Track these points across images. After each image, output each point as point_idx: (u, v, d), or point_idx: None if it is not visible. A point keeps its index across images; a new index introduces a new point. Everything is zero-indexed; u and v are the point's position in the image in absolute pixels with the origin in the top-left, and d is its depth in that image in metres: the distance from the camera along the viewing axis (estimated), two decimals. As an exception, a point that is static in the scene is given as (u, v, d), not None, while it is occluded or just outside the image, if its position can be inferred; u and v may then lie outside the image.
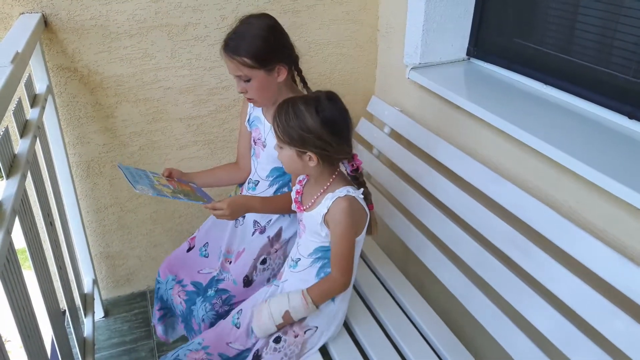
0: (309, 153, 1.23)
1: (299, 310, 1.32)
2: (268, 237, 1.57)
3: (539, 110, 1.47)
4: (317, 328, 1.36)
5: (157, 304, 1.66)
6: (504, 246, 1.32)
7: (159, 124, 1.95)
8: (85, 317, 1.84)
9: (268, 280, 1.57)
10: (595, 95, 1.39)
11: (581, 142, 1.27)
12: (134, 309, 2.17)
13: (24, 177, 1.14)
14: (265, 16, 1.43)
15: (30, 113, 1.40)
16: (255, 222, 1.59)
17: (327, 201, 1.27)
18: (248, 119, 1.61)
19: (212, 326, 1.47)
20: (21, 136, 1.27)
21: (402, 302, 1.55)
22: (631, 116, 1.29)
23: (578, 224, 1.17)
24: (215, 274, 1.57)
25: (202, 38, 1.86)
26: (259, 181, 1.59)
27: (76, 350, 1.61)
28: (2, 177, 1.09)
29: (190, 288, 1.56)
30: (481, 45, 1.80)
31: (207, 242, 1.66)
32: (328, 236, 1.31)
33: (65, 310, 1.58)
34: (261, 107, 1.54)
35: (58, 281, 1.51)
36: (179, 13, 1.80)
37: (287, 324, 1.35)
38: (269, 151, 1.53)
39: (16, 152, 1.18)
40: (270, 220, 1.58)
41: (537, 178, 1.39)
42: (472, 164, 1.48)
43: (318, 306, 1.34)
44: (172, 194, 1.43)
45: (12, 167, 1.12)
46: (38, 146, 1.42)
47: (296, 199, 1.39)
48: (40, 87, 1.61)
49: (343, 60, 2.11)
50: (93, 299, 1.97)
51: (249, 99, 1.47)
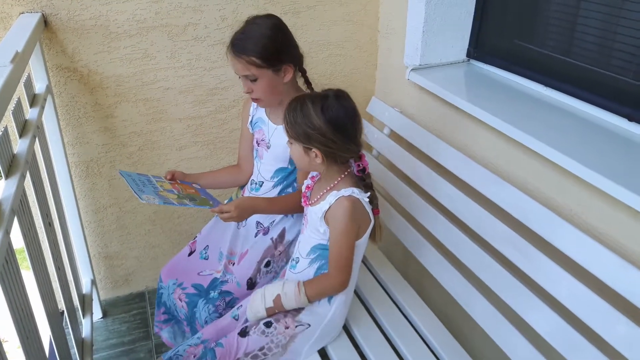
0: (314, 150, 1.26)
1: (290, 298, 1.33)
2: (272, 239, 1.57)
3: (539, 112, 1.46)
4: (309, 326, 1.36)
5: (161, 309, 1.65)
6: (504, 248, 1.32)
7: (159, 124, 1.95)
8: (83, 318, 1.84)
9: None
10: (595, 97, 1.39)
11: (581, 144, 1.27)
12: (133, 310, 2.17)
13: (23, 177, 1.13)
14: (271, 16, 1.44)
15: (29, 113, 1.40)
16: (258, 223, 1.59)
17: (331, 198, 1.29)
18: (250, 121, 1.61)
19: None
20: (20, 136, 1.27)
21: (401, 304, 1.55)
22: (631, 118, 1.29)
23: (578, 227, 1.17)
24: (217, 276, 1.57)
25: (202, 38, 1.86)
26: (263, 182, 1.59)
27: (74, 350, 1.60)
28: (1, 177, 1.09)
29: (190, 290, 1.56)
30: (481, 46, 1.80)
31: (208, 245, 1.65)
32: (326, 233, 1.32)
33: (63, 310, 1.57)
34: (265, 108, 1.54)
35: (56, 281, 1.50)
36: (179, 13, 1.80)
37: (277, 311, 1.35)
38: (274, 152, 1.53)
39: (15, 152, 1.18)
40: (273, 221, 1.58)
41: (537, 180, 1.39)
42: (472, 166, 1.48)
43: (311, 301, 1.34)
44: (178, 201, 1.42)
45: (11, 167, 1.12)
46: (37, 146, 1.42)
47: (305, 193, 1.40)
48: (39, 87, 1.61)
49: (343, 61, 2.11)
50: (91, 300, 1.96)
51: (255, 99, 1.47)
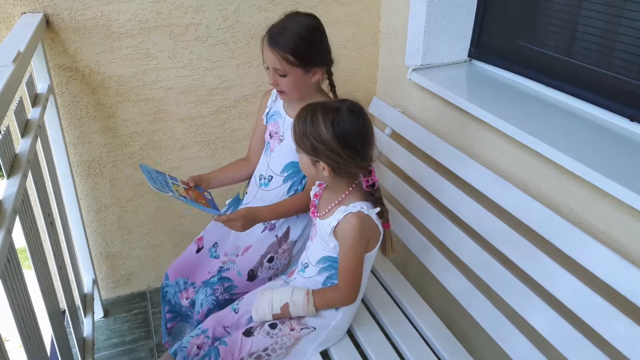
0: (322, 163, 1.23)
1: (299, 306, 1.32)
2: (276, 236, 1.57)
3: (541, 112, 1.46)
4: (315, 329, 1.36)
5: (166, 307, 1.65)
6: (505, 248, 1.32)
7: (160, 124, 1.95)
8: (85, 317, 1.84)
9: (270, 279, 1.56)
10: (596, 97, 1.39)
11: (583, 145, 1.27)
12: (134, 309, 2.17)
13: (25, 177, 1.14)
14: (312, 16, 1.45)
15: (31, 113, 1.40)
16: None
17: (339, 214, 1.26)
18: (267, 112, 1.61)
19: (210, 312, 1.48)
20: (22, 136, 1.27)
21: (403, 304, 1.55)
22: (633, 119, 1.29)
23: (580, 227, 1.17)
24: (222, 265, 1.58)
25: (204, 38, 1.86)
26: (273, 176, 1.57)
27: (76, 350, 1.60)
28: (3, 176, 1.09)
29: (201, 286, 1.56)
30: (483, 46, 1.80)
31: (217, 242, 1.65)
32: (336, 248, 1.30)
33: (65, 309, 1.58)
34: (285, 101, 1.54)
35: (58, 281, 1.51)
36: (181, 13, 1.80)
37: (283, 317, 1.35)
38: (287, 145, 1.52)
39: (17, 152, 1.18)
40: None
41: (539, 180, 1.39)
42: (473, 166, 1.48)
43: (318, 310, 1.34)
44: (188, 199, 1.44)
45: (13, 167, 1.12)
46: (39, 146, 1.42)
47: (313, 202, 1.38)
48: (41, 87, 1.61)
49: (344, 61, 2.11)
50: (93, 299, 1.97)
51: (279, 91, 1.47)
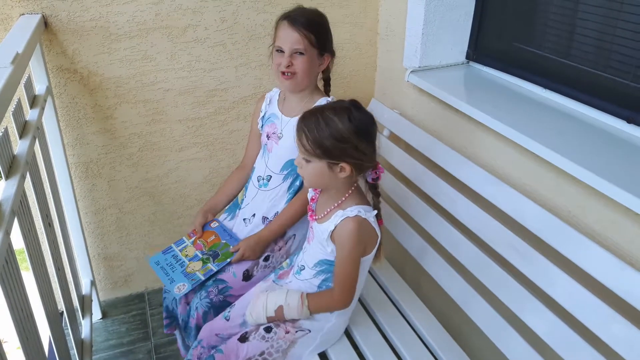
0: (342, 164, 1.20)
1: (293, 309, 1.32)
2: None
3: (538, 114, 1.47)
4: (310, 332, 1.36)
5: (164, 313, 1.66)
6: (502, 249, 1.32)
7: (159, 126, 1.95)
8: (83, 319, 1.84)
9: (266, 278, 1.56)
10: (594, 99, 1.39)
11: (580, 147, 1.27)
12: (132, 311, 2.17)
13: (23, 178, 1.14)
14: (318, 11, 1.52)
15: (29, 114, 1.40)
16: (264, 219, 1.60)
17: (337, 218, 1.25)
18: (262, 116, 1.63)
19: (205, 315, 1.48)
20: (20, 137, 1.27)
21: (400, 305, 1.55)
22: (630, 120, 1.30)
23: (577, 229, 1.17)
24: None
25: (202, 40, 1.86)
26: (272, 176, 1.59)
27: (74, 351, 1.60)
28: (1, 178, 1.09)
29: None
30: (480, 49, 1.80)
31: None
32: (334, 252, 1.30)
33: (63, 311, 1.57)
34: (288, 90, 1.54)
35: (56, 282, 1.51)
36: (179, 15, 1.80)
37: (278, 320, 1.35)
38: (286, 143, 1.54)
39: (15, 153, 1.18)
40: (277, 212, 1.58)
41: (536, 182, 1.40)
42: (471, 168, 1.48)
43: (312, 313, 1.34)
44: (204, 271, 1.52)
45: (11, 168, 1.12)
46: (37, 147, 1.42)
47: (310, 206, 1.38)
48: (39, 88, 1.61)
49: (342, 62, 2.11)
50: (91, 301, 1.96)
51: (291, 74, 1.47)
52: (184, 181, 2.09)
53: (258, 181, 1.62)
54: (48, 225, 1.46)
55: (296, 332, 1.35)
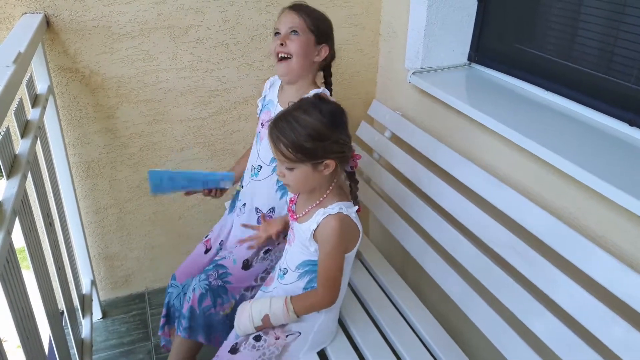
0: (326, 161, 1.18)
1: (279, 316, 1.31)
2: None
3: (540, 116, 1.47)
4: (300, 334, 1.35)
5: (164, 310, 1.65)
6: (503, 251, 1.32)
7: (160, 126, 1.95)
8: (83, 318, 1.84)
9: (265, 270, 1.56)
10: (595, 102, 1.39)
11: (581, 149, 1.27)
12: (132, 311, 2.17)
13: (25, 178, 1.14)
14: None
15: (31, 113, 1.40)
16: (257, 209, 1.58)
17: (318, 217, 1.24)
18: (263, 98, 1.61)
19: (201, 297, 1.46)
20: (22, 136, 1.27)
21: (400, 306, 1.55)
22: (632, 123, 1.30)
23: (578, 231, 1.17)
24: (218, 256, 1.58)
25: (204, 40, 1.87)
26: (262, 166, 1.55)
27: (74, 351, 1.60)
28: (2, 177, 1.09)
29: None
30: (482, 50, 1.80)
31: (222, 240, 1.66)
32: (317, 252, 1.28)
33: (63, 310, 1.57)
34: (284, 75, 1.50)
35: (57, 281, 1.51)
36: (181, 15, 1.80)
37: (267, 327, 1.33)
38: None
39: (17, 152, 1.18)
40: (272, 208, 1.56)
41: (538, 184, 1.40)
42: (473, 169, 1.48)
43: (299, 316, 1.32)
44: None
45: (13, 167, 1.12)
46: (39, 146, 1.42)
47: (289, 207, 1.37)
48: (41, 88, 1.61)
49: (344, 63, 2.11)
50: (91, 300, 1.97)
51: (285, 55, 1.44)
52: (185, 181, 2.09)
53: (251, 170, 1.60)
54: (49, 224, 1.46)
55: (287, 337, 1.34)
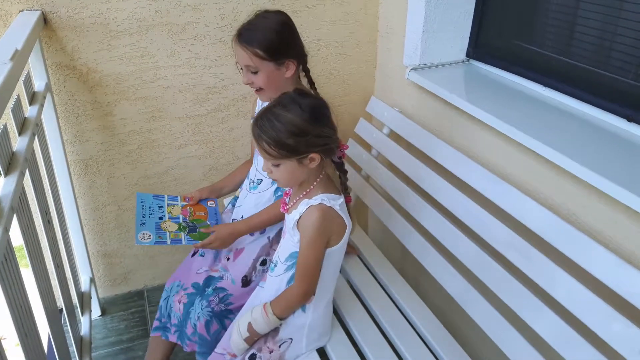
0: (311, 155, 1.18)
1: (260, 321, 1.29)
2: (268, 238, 1.57)
3: (538, 112, 1.47)
4: (292, 340, 1.34)
5: (158, 313, 1.65)
6: (502, 248, 1.32)
7: (158, 123, 1.95)
8: (82, 316, 1.84)
9: None
10: (594, 98, 1.39)
11: (580, 145, 1.27)
12: (131, 308, 2.17)
13: (22, 175, 1.13)
14: (281, 13, 1.46)
15: (28, 111, 1.40)
16: None
17: (302, 207, 1.23)
18: (259, 107, 1.62)
19: (207, 324, 1.47)
20: (19, 134, 1.27)
21: (400, 303, 1.56)
22: (630, 119, 1.30)
23: (577, 227, 1.17)
24: (213, 274, 1.57)
25: (202, 37, 1.86)
26: (262, 179, 1.59)
27: (73, 348, 1.60)
28: (0, 175, 1.09)
29: (190, 290, 1.56)
30: (481, 46, 1.80)
31: None
32: (299, 242, 1.27)
33: (62, 308, 1.57)
34: (265, 101, 1.54)
35: (55, 279, 1.51)
36: (179, 12, 1.79)
37: (255, 338, 1.32)
38: None
39: (14, 150, 1.18)
40: None
41: (536, 180, 1.40)
42: (471, 166, 1.48)
43: (282, 318, 1.31)
44: (173, 235, 1.51)
45: (11, 165, 1.12)
46: (36, 144, 1.42)
47: (283, 200, 1.37)
48: (39, 85, 1.60)
49: (342, 60, 2.11)
50: (90, 298, 1.96)
51: (257, 90, 1.47)
52: (184, 178, 2.09)
53: (249, 184, 1.63)
54: (47, 222, 1.46)
55: (280, 347, 1.33)
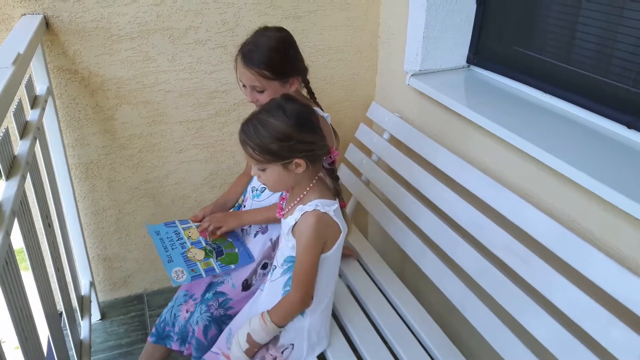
0: (295, 160, 1.19)
1: (259, 331, 1.29)
2: (270, 240, 1.57)
3: (538, 118, 1.47)
4: (293, 345, 1.34)
5: (157, 320, 1.64)
6: (502, 253, 1.32)
7: (159, 127, 1.95)
8: (82, 320, 1.84)
9: None
10: (594, 104, 1.39)
11: (580, 151, 1.27)
12: (131, 312, 2.17)
13: (24, 179, 1.14)
14: (282, 29, 1.47)
15: (30, 114, 1.40)
16: (257, 233, 1.59)
17: (297, 213, 1.24)
18: None
19: (206, 329, 1.47)
20: (21, 137, 1.27)
21: (399, 308, 1.55)
22: (630, 126, 1.30)
23: (577, 233, 1.17)
24: (214, 280, 1.57)
25: (203, 42, 1.87)
26: (265, 188, 1.58)
27: (72, 352, 1.60)
28: (2, 178, 1.09)
29: (199, 300, 1.55)
30: (481, 52, 1.81)
31: None
32: (295, 247, 1.28)
33: (62, 312, 1.57)
34: None
35: (55, 283, 1.51)
36: (181, 17, 1.80)
37: (255, 349, 1.31)
38: None
39: (16, 153, 1.18)
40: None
41: (536, 186, 1.40)
42: (471, 172, 1.49)
43: (281, 326, 1.30)
44: (205, 267, 1.45)
45: (12, 168, 1.12)
46: (37, 147, 1.42)
47: (280, 204, 1.38)
48: (40, 89, 1.61)
49: (343, 66, 2.12)
50: (90, 302, 1.96)
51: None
52: (184, 183, 2.09)
53: (252, 192, 1.63)
54: (48, 225, 1.46)
55: (282, 353, 1.33)
